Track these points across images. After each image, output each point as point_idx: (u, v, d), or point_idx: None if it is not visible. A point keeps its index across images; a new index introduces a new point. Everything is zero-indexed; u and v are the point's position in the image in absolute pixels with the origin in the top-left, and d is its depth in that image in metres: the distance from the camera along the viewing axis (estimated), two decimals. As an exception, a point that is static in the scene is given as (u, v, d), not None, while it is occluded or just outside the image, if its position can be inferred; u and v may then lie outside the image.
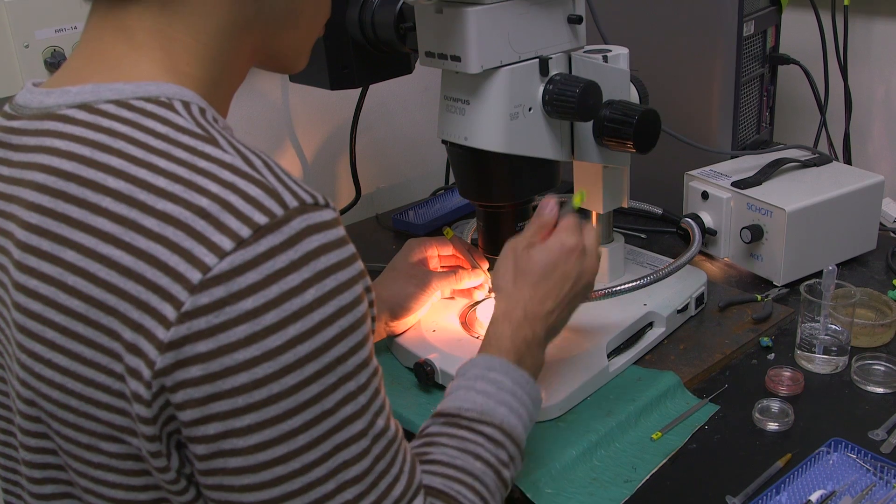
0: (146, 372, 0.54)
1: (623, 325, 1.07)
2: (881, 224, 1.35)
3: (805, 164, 1.32)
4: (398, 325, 1.10)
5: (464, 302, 1.15)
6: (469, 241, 1.19)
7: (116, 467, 0.60)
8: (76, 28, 1.22)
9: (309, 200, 0.57)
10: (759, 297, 1.20)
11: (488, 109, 0.94)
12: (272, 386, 0.55)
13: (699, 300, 1.17)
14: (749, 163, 1.33)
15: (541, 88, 0.96)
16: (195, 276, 0.53)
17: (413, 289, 1.08)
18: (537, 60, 0.95)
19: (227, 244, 0.53)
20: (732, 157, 1.37)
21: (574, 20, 0.97)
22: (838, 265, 1.15)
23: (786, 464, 0.90)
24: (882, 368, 1.03)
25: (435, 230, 1.48)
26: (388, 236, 1.52)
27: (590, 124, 0.98)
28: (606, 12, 1.14)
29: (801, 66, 1.47)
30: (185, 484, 0.60)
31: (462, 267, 1.13)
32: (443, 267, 1.15)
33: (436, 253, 1.14)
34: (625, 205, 1.15)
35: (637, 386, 1.03)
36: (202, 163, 0.56)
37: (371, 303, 0.62)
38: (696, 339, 1.12)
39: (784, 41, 1.50)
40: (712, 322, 1.16)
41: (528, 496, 0.87)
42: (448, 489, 0.68)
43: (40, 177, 0.59)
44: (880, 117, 1.58)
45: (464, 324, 1.11)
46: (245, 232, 0.53)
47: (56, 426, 0.60)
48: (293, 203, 0.55)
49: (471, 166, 1.01)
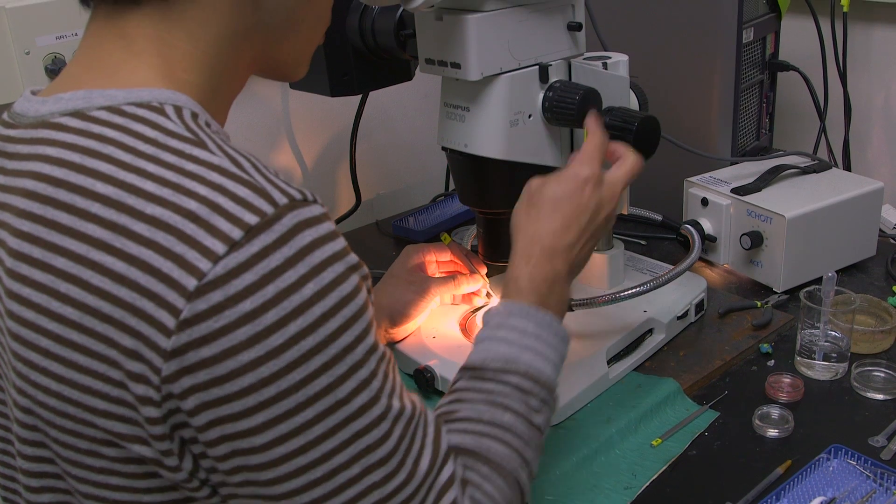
0: (153, 377, 0.54)
1: (623, 332, 1.07)
2: (881, 230, 1.35)
3: (804, 171, 1.32)
4: (398, 332, 1.10)
5: (463, 308, 1.15)
6: (469, 248, 1.19)
7: (119, 471, 0.60)
8: (77, 35, 1.22)
9: (298, 197, 0.56)
10: (759, 304, 1.20)
11: (488, 116, 0.94)
12: (280, 383, 0.55)
13: (699, 307, 1.17)
14: (749, 169, 1.33)
15: (541, 95, 0.96)
16: (190, 283, 0.53)
17: (412, 295, 1.08)
18: (537, 67, 0.96)
19: (220, 247, 0.53)
20: (732, 164, 1.37)
21: (574, 27, 0.97)
22: (838, 271, 1.14)
23: (786, 470, 0.90)
24: (882, 375, 1.03)
25: (435, 237, 1.48)
26: (388, 242, 1.52)
27: (590, 131, 0.98)
28: (606, 19, 1.14)
29: (801, 73, 1.47)
30: (199, 483, 0.60)
31: (461, 272, 1.13)
32: (441, 273, 1.15)
33: (434, 259, 1.14)
34: (625, 211, 1.15)
35: (637, 392, 1.03)
36: (190, 166, 0.55)
37: (368, 290, 0.62)
38: (696, 346, 1.12)
39: (783, 48, 1.51)
40: (712, 329, 1.16)
41: (528, 503, 0.87)
42: (478, 447, 0.69)
43: (30, 184, 0.58)
44: (879, 124, 1.58)
45: (464, 330, 1.11)
46: (236, 234, 0.53)
47: (54, 433, 0.60)
48: (283, 200, 0.55)
49: (470, 173, 1.01)
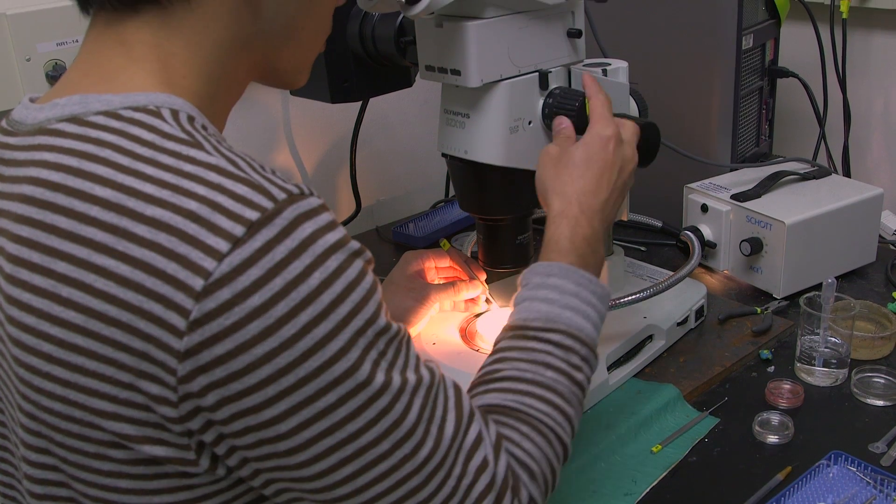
0: (168, 378, 0.55)
1: (623, 338, 1.07)
2: (880, 236, 1.35)
3: (804, 177, 1.32)
4: (397, 339, 1.09)
5: (463, 314, 1.15)
6: (469, 254, 1.19)
7: (128, 473, 0.60)
8: (77, 41, 1.20)
9: (295, 191, 0.57)
10: (759, 310, 1.20)
11: (488, 123, 0.94)
12: (297, 371, 0.55)
13: (699, 313, 1.17)
14: (748, 175, 1.33)
15: (540, 102, 0.97)
16: (197, 283, 0.53)
17: (412, 302, 1.08)
18: (537, 74, 0.96)
19: (223, 245, 0.53)
20: (732, 170, 1.37)
21: (573, 34, 0.98)
22: (838, 278, 1.15)
23: (786, 477, 0.90)
24: (882, 381, 1.03)
25: (435, 243, 1.47)
26: (389, 249, 1.52)
27: (589, 137, 0.98)
28: (606, 26, 1.14)
29: (800, 79, 1.47)
30: (220, 477, 0.61)
31: (460, 279, 1.13)
32: (441, 279, 1.15)
33: (433, 265, 1.13)
34: (624, 218, 1.16)
35: (637, 399, 1.03)
36: (188, 167, 0.56)
37: (374, 272, 0.62)
38: (696, 352, 1.12)
39: (783, 54, 1.51)
40: (712, 335, 1.16)
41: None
42: (519, 405, 0.71)
43: (28, 189, 0.58)
44: (879, 130, 1.58)
45: (464, 336, 1.11)
46: (238, 230, 0.54)
47: (60, 438, 0.60)
48: (281, 195, 0.56)
49: (471, 179, 1.01)
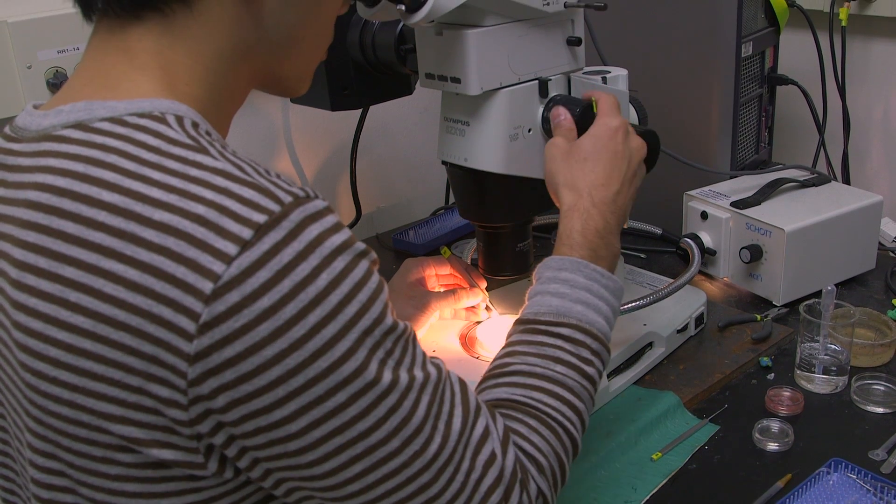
0: (178, 381, 0.55)
1: (623, 345, 1.07)
2: (880, 244, 1.35)
3: (804, 184, 1.32)
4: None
5: (463, 322, 1.15)
6: (469, 262, 1.19)
7: (135, 476, 0.60)
8: (79, 49, 1.22)
9: (301, 194, 0.58)
10: (759, 317, 1.20)
11: (488, 131, 0.94)
12: (307, 371, 0.56)
13: (699, 320, 1.17)
14: (748, 183, 1.34)
15: (540, 110, 0.97)
16: (206, 287, 0.53)
17: (412, 310, 1.08)
18: (537, 82, 0.96)
19: (232, 248, 0.54)
20: (731, 178, 1.37)
21: (573, 42, 0.98)
22: (837, 285, 1.15)
23: (786, 484, 0.90)
24: (882, 388, 1.03)
25: (435, 250, 1.48)
26: (389, 256, 1.52)
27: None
28: (605, 34, 1.14)
29: (800, 87, 1.47)
30: (228, 479, 0.61)
31: (461, 286, 1.13)
32: (441, 287, 1.15)
33: (433, 273, 1.14)
34: (624, 225, 1.15)
35: (637, 406, 1.03)
36: (194, 171, 0.56)
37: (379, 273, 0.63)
38: (696, 359, 1.12)
39: (782, 62, 1.51)
40: (712, 342, 1.16)
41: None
42: (527, 399, 0.72)
43: (34, 195, 0.59)
44: (878, 137, 1.58)
45: (464, 344, 1.11)
46: (246, 233, 0.54)
47: (67, 443, 0.60)
48: (287, 198, 0.56)
49: (471, 187, 1.01)
